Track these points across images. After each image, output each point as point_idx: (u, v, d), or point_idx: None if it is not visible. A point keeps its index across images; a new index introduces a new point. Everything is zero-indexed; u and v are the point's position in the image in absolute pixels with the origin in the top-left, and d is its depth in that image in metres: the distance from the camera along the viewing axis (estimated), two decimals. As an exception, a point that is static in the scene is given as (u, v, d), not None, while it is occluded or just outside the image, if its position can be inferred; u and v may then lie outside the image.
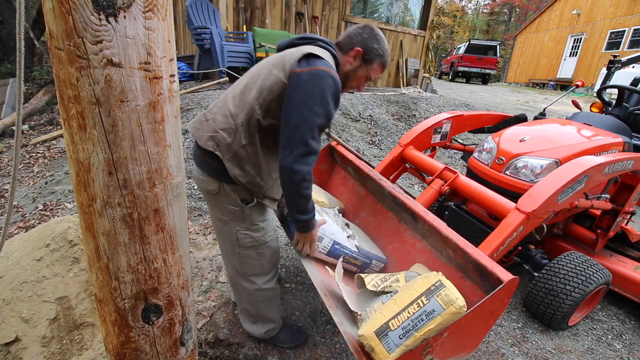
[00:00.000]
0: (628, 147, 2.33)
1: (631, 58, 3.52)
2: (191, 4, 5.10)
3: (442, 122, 2.57)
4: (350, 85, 1.45)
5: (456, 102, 6.35)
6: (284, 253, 2.43)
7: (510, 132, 2.35)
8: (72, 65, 0.64)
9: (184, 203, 0.90)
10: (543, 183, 1.71)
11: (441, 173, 2.02)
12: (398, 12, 8.26)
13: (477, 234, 2.00)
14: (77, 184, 0.74)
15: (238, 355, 1.67)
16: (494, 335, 1.94)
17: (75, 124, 0.69)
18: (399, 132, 4.91)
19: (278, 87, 1.23)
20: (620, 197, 2.23)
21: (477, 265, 1.19)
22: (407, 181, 4.00)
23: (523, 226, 1.61)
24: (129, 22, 0.65)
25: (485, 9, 37.14)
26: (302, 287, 2.11)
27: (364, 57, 1.37)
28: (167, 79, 0.76)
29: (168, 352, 0.96)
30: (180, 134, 0.86)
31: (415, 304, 1.08)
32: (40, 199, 3.00)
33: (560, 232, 2.44)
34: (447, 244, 1.33)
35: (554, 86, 17.27)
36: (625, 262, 2.30)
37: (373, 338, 1.07)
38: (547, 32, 19.10)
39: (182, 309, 0.96)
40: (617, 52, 13.91)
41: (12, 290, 1.68)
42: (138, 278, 0.83)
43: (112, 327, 0.87)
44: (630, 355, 1.96)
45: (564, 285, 1.90)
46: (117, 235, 0.78)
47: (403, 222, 1.64)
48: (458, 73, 17.03)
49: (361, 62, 1.38)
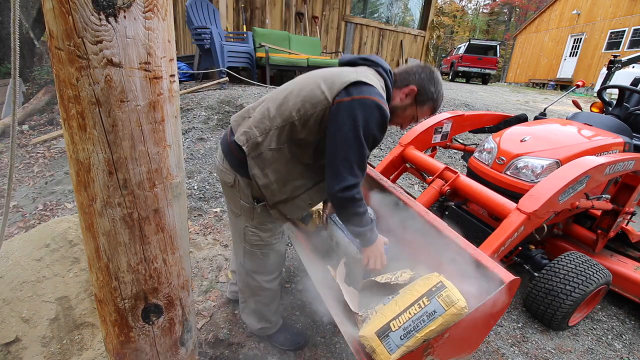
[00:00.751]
0: (628, 147, 2.33)
1: (631, 58, 3.51)
2: (191, 4, 5.10)
3: (442, 122, 2.57)
4: (395, 121, 1.41)
5: (456, 102, 6.35)
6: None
7: (511, 132, 2.35)
8: (72, 65, 0.64)
9: (184, 203, 0.90)
10: (544, 183, 1.70)
11: (442, 173, 2.02)
12: (398, 12, 8.26)
13: (478, 234, 2.00)
14: (77, 184, 0.74)
15: (238, 355, 1.67)
16: (494, 335, 1.94)
17: (75, 124, 0.68)
18: (399, 132, 4.90)
19: (321, 105, 1.19)
20: (620, 197, 2.23)
21: (478, 265, 1.19)
22: (407, 181, 4.00)
23: (524, 226, 1.61)
24: (129, 22, 0.65)
25: (485, 9, 37.15)
26: (302, 287, 2.11)
27: (417, 97, 1.34)
28: (167, 79, 0.76)
29: (168, 352, 0.96)
30: (180, 134, 0.86)
31: (416, 305, 1.08)
32: (40, 199, 3.00)
33: (561, 232, 2.44)
34: (448, 244, 1.33)
35: (554, 86, 17.27)
36: (626, 262, 2.30)
37: (374, 339, 1.07)
38: (547, 32, 19.11)
39: (182, 309, 0.96)
40: (617, 52, 13.91)
41: (12, 290, 1.68)
42: (138, 278, 0.83)
43: (112, 327, 0.87)
44: (630, 355, 1.96)
45: (564, 286, 1.90)
46: (117, 235, 0.78)
47: (403, 222, 1.64)
48: (458, 73, 17.02)
49: (412, 102, 1.35)
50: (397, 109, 1.36)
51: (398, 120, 1.41)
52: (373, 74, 1.28)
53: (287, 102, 1.24)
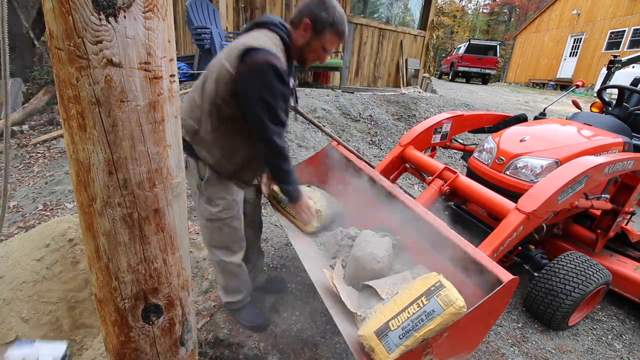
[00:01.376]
0: (628, 147, 2.33)
1: (631, 58, 3.51)
2: (191, 4, 5.10)
3: (442, 122, 2.57)
4: (309, 58, 1.47)
5: (456, 102, 6.35)
6: (284, 253, 2.43)
7: (511, 132, 2.35)
8: (72, 65, 0.64)
9: (184, 203, 0.90)
10: (543, 183, 1.71)
11: (441, 173, 2.02)
12: (398, 12, 8.26)
13: (477, 233, 2.00)
14: (77, 184, 0.74)
15: (238, 355, 1.67)
16: (494, 335, 1.94)
17: (75, 124, 0.68)
18: (399, 132, 4.91)
19: (228, 79, 1.29)
20: (620, 197, 2.23)
21: (477, 265, 1.19)
22: (407, 181, 4.00)
23: (523, 226, 1.61)
24: (129, 22, 0.65)
25: (485, 9, 37.13)
26: (302, 287, 2.11)
27: (314, 28, 1.37)
28: (167, 79, 0.76)
29: (168, 352, 0.96)
30: (181, 134, 0.86)
31: (415, 304, 1.08)
32: (40, 199, 3.00)
33: (560, 232, 2.44)
34: (447, 244, 1.33)
35: (554, 86, 17.27)
36: (625, 262, 2.30)
37: (373, 338, 1.07)
38: (547, 32, 19.10)
39: (182, 309, 0.96)
40: (617, 52, 13.90)
41: (12, 290, 1.68)
42: (138, 278, 0.83)
43: (112, 327, 0.87)
44: (630, 355, 1.96)
45: (564, 285, 1.90)
46: (117, 235, 0.78)
47: (403, 222, 1.64)
48: (458, 73, 17.03)
49: (312, 34, 1.38)
50: (303, 47, 1.42)
51: (311, 56, 1.47)
52: (265, 34, 1.35)
53: (206, 87, 1.36)
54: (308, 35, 1.39)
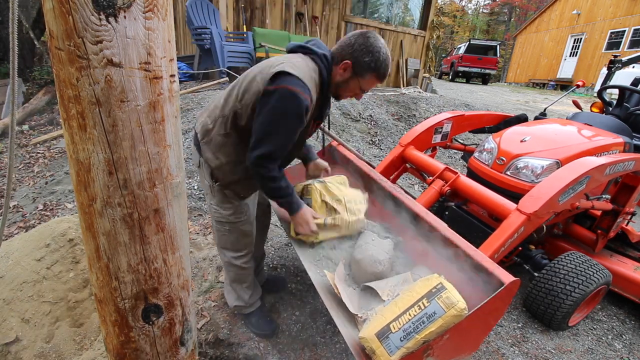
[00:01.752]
0: (629, 147, 2.33)
1: (631, 58, 3.51)
2: (191, 4, 5.09)
3: (442, 122, 2.57)
4: (344, 95, 1.46)
5: (456, 102, 6.35)
6: (284, 253, 2.43)
7: (511, 132, 2.35)
8: (72, 65, 0.64)
9: (184, 203, 0.90)
10: (544, 184, 1.70)
11: (442, 173, 2.02)
12: (398, 12, 8.26)
13: (478, 234, 2.00)
14: (77, 184, 0.74)
15: (238, 355, 1.67)
16: (494, 335, 1.94)
17: (75, 124, 0.68)
18: (399, 132, 4.91)
19: (255, 92, 1.29)
20: (620, 197, 2.23)
21: (478, 266, 1.19)
22: (407, 181, 4.00)
23: (524, 227, 1.61)
24: (129, 22, 0.65)
25: (485, 9, 37.12)
26: (302, 287, 2.11)
27: (354, 70, 1.36)
28: (167, 79, 0.76)
29: (168, 352, 0.96)
30: (181, 134, 0.86)
31: (416, 306, 1.08)
32: (41, 199, 3.00)
33: (561, 233, 2.44)
34: (448, 245, 1.33)
35: (554, 86, 17.26)
36: (625, 262, 2.30)
37: (374, 340, 1.07)
38: (547, 32, 19.10)
39: (182, 309, 0.96)
40: (617, 52, 13.90)
41: (12, 290, 1.68)
42: (138, 278, 0.83)
43: (112, 327, 0.87)
44: (630, 355, 1.96)
45: (564, 286, 1.90)
46: (117, 235, 0.78)
47: (403, 222, 1.64)
48: (458, 73, 17.02)
49: (352, 74, 1.37)
50: (340, 84, 1.41)
51: (347, 94, 1.46)
52: (307, 63, 1.33)
53: (233, 93, 1.37)
54: (347, 75, 1.37)
